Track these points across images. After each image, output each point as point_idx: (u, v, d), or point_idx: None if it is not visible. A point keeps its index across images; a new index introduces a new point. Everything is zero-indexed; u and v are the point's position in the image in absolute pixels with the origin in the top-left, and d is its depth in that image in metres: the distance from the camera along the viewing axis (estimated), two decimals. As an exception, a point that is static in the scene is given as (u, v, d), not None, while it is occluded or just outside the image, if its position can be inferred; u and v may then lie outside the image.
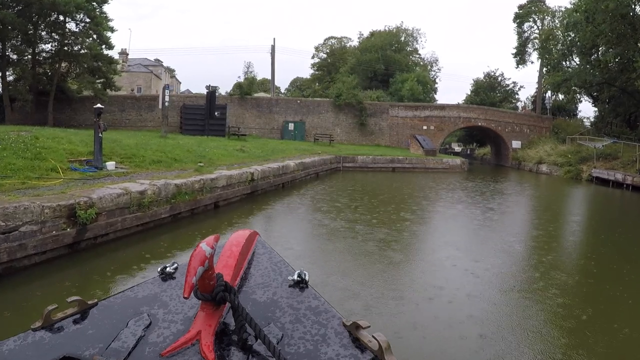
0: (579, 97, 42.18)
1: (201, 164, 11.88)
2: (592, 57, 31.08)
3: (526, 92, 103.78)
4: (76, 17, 27.77)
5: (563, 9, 37.59)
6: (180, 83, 69.90)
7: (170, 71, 65.52)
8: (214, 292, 1.16)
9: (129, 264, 6.55)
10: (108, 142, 12.72)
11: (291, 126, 35.51)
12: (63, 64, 29.36)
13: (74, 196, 6.55)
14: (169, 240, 8.05)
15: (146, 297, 1.33)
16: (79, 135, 12.93)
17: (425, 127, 36.51)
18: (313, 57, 62.90)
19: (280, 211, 12.17)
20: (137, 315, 1.24)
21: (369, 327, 1.18)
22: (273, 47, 41.26)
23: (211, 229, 8.48)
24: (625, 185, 21.09)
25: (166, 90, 20.08)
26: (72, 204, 6.23)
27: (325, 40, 63.32)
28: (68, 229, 6.20)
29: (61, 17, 27.56)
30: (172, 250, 7.44)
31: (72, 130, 16.89)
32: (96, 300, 1.31)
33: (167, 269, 1.44)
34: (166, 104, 19.48)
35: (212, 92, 25.27)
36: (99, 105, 10.15)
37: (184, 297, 1.06)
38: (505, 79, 52.93)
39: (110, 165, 10.20)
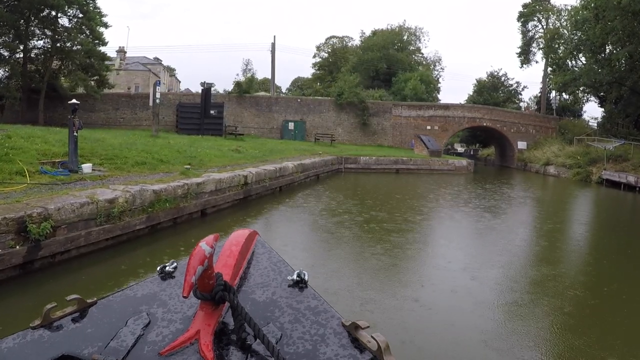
0: (586, 97, 41.18)
1: (188, 167, 10.89)
2: (601, 55, 30.14)
3: (529, 93, 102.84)
4: (68, 12, 26.91)
5: (569, 7, 36.67)
6: (179, 82, 69.11)
7: (170, 70, 64.67)
8: (213, 291, 1.14)
9: (94, 286, 5.61)
10: (90, 141, 11.81)
11: (291, 126, 34.48)
12: (55, 61, 28.41)
13: (28, 206, 5.58)
14: (145, 256, 7.07)
15: (145, 296, 1.30)
16: (58, 135, 12.00)
17: (429, 127, 35.44)
18: (314, 57, 62.09)
19: (276, 218, 11.22)
20: (136, 314, 1.22)
21: (368, 327, 1.15)
22: (273, 45, 40.39)
23: (194, 241, 7.51)
24: (637, 189, 20.51)
25: (157, 87, 19.04)
26: (21, 216, 5.26)
27: (326, 40, 62.46)
28: (17, 247, 5.24)
29: (53, 13, 26.68)
30: (149, 266, 6.47)
31: (57, 128, 15.93)
32: (95, 298, 1.28)
33: (167, 268, 1.41)
34: (157, 101, 18.45)
35: (207, 89, 24.29)
36: (74, 100, 9.18)
37: (183, 297, 1.04)
38: (508, 79, 51.99)
39: (87, 167, 9.24)
